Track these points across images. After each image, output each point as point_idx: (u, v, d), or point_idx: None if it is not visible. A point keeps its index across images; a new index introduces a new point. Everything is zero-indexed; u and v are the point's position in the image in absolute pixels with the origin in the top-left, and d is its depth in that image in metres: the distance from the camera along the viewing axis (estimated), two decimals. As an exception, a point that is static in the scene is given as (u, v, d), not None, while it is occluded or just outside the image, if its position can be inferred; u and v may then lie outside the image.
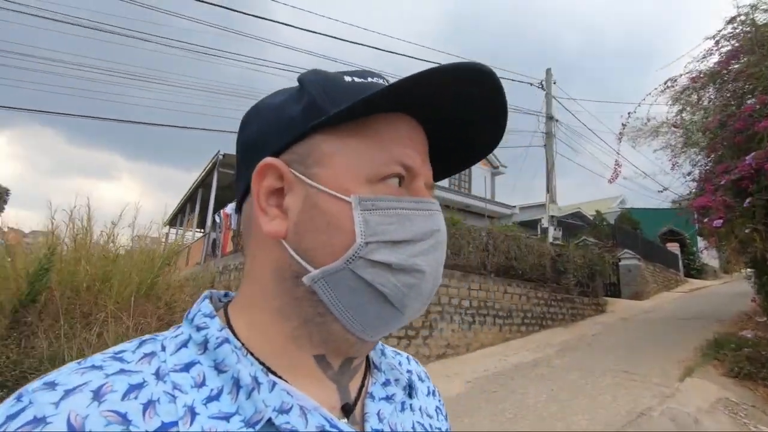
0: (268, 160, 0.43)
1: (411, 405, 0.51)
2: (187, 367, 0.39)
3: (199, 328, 0.42)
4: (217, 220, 11.09)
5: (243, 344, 0.42)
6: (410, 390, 0.52)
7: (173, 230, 17.18)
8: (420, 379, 0.60)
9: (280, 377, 0.41)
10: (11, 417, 0.31)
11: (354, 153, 0.42)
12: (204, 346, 0.41)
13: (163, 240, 7.67)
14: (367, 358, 0.52)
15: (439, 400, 0.60)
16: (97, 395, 0.34)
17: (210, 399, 0.37)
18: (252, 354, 0.41)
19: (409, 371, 0.59)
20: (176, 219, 18.30)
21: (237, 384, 0.38)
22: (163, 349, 0.40)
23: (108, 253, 6.20)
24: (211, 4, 8.01)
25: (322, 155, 0.43)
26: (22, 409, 0.32)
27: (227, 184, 11.92)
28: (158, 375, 0.37)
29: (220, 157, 11.83)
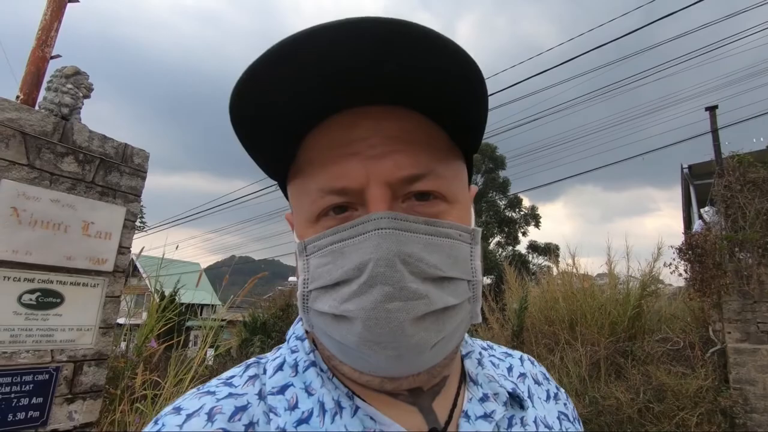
0: (286, 214, 0.47)
1: (522, 419, 0.45)
2: (282, 390, 0.40)
3: (292, 351, 0.44)
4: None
5: (329, 367, 0.42)
6: (521, 401, 0.46)
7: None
8: (536, 382, 0.53)
9: (364, 400, 0.40)
10: None
11: (298, 195, 0.41)
12: (295, 368, 0.42)
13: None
14: (463, 369, 0.47)
15: (565, 404, 0.54)
16: (210, 417, 0.38)
17: (300, 422, 0.38)
18: (338, 377, 0.41)
19: (522, 375, 0.53)
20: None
21: (323, 407, 0.39)
22: (264, 372, 0.43)
23: (582, 289, 7.71)
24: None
25: (291, 204, 0.43)
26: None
27: (704, 198, 10.48)
28: (260, 396, 0.41)
29: (686, 170, 10.77)
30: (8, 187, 2.30)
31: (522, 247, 18.74)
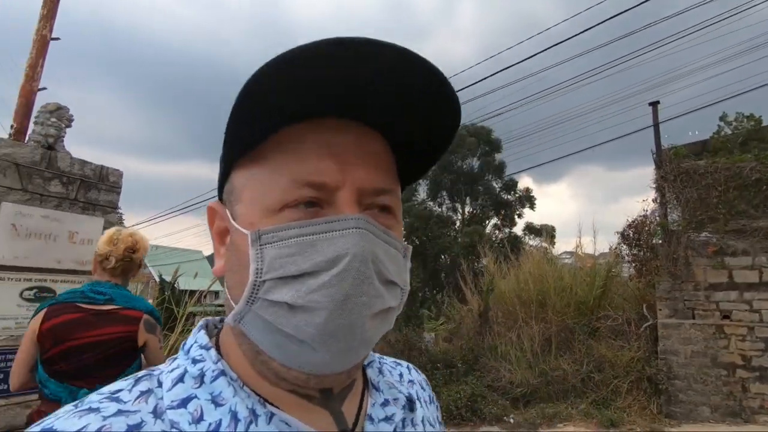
0: (210, 204, 0.46)
1: (413, 420, 0.50)
2: (184, 403, 0.38)
3: (195, 361, 0.41)
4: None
5: (239, 376, 0.41)
6: (411, 404, 0.50)
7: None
8: (422, 387, 0.60)
9: (277, 407, 0.40)
10: None
11: (259, 183, 0.40)
12: (200, 379, 0.40)
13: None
14: (365, 377, 0.51)
15: (437, 407, 0.61)
16: None
17: None
18: (248, 385, 0.41)
19: (410, 381, 0.59)
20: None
21: (235, 417, 0.37)
22: (160, 384, 0.40)
23: (552, 270, 8.15)
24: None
25: (238, 191, 0.42)
26: None
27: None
28: (156, 413, 0.37)
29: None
30: (7, 209, 2.96)
31: (519, 229, 18.96)
